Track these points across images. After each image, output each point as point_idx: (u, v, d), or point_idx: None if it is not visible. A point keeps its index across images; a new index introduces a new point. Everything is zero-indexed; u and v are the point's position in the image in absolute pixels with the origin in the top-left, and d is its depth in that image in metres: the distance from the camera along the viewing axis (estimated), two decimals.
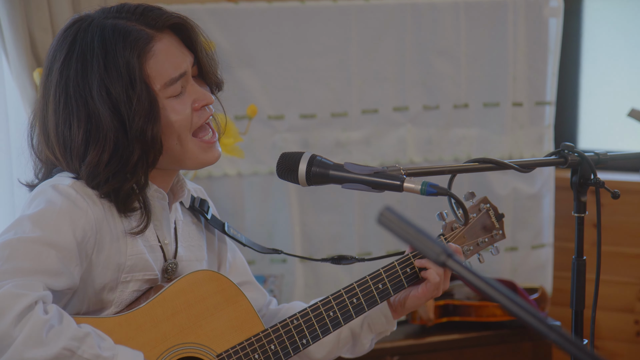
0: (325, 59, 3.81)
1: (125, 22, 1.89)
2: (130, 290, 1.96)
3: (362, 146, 3.89)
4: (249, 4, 3.80)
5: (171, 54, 1.92)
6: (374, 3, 3.83)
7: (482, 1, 3.92)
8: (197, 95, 1.96)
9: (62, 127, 1.88)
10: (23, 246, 1.77)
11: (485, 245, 2.26)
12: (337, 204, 3.89)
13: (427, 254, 1.17)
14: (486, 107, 3.97)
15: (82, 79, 1.86)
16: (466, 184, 3.97)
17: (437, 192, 1.88)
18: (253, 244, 2.24)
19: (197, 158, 1.97)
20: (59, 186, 1.86)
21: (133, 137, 1.86)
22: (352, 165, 1.93)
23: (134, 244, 1.94)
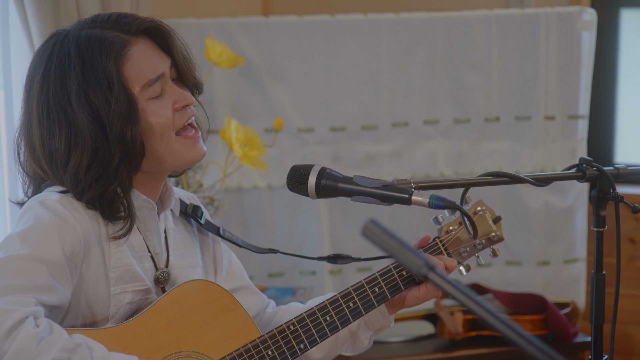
0: (355, 72, 3.82)
1: (99, 30, 1.93)
2: (125, 302, 1.96)
3: (393, 159, 3.89)
4: (279, 17, 3.83)
5: (147, 56, 1.95)
6: (404, 16, 3.84)
7: (514, 14, 3.91)
8: (177, 96, 1.98)
9: (47, 137, 1.91)
10: (13, 264, 1.79)
11: (482, 247, 2.24)
12: (367, 216, 3.88)
13: (409, 267, 1.18)
14: (518, 120, 3.96)
15: (61, 88, 1.89)
16: (497, 198, 3.96)
17: (445, 206, 1.88)
18: (249, 245, 2.24)
19: (182, 156, 1.98)
20: (46, 202, 1.88)
21: (113, 139, 1.88)
22: (361, 178, 1.94)
23: (120, 256, 1.95)
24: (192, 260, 2.12)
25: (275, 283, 3.86)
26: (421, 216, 3.93)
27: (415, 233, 3.96)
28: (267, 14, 4.30)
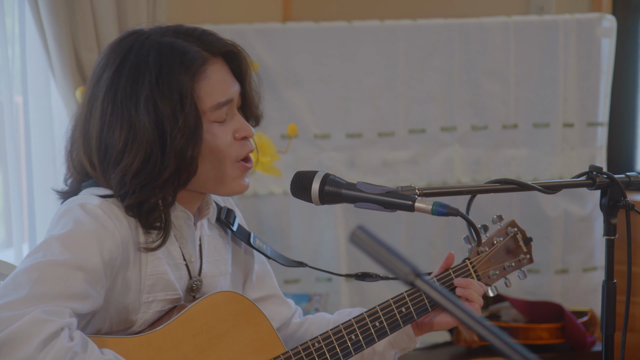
0: (372, 79, 3.82)
1: (182, 42, 1.90)
2: (153, 310, 1.96)
3: (409, 166, 3.88)
4: (296, 23, 3.84)
5: (222, 79, 1.94)
6: (421, 23, 3.83)
7: (532, 21, 3.89)
8: (239, 125, 1.96)
9: (106, 132, 1.88)
10: (51, 270, 1.77)
11: (511, 270, 2.22)
12: (384, 223, 3.88)
13: (396, 274, 1.17)
14: (536, 127, 3.93)
15: (132, 89, 1.87)
16: (515, 206, 3.94)
17: (448, 213, 1.87)
18: (278, 257, 2.22)
19: (227, 185, 1.97)
20: (86, 205, 1.86)
21: (170, 153, 1.86)
22: (365, 185, 1.93)
23: (156, 264, 1.93)
24: (223, 268, 2.11)
25: (291, 289, 3.86)
26: (439, 223, 3.91)
27: (432, 240, 3.94)
28: (287, 20, 4.31)
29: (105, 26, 3.20)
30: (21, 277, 1.77)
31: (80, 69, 3.17)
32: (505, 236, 2.23)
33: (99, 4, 3.18)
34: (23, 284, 1.76)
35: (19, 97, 3.21)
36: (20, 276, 1.77)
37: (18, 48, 3.18)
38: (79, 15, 3.14)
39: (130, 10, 3.28)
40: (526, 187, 2.10)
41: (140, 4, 3.30)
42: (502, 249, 2.22)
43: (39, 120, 3.22)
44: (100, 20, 3.19)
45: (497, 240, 2.21)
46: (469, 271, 2.17)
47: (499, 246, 2.22)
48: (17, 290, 1.75)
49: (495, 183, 2.10)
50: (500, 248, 2.22)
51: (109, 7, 3.19)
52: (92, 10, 3.17)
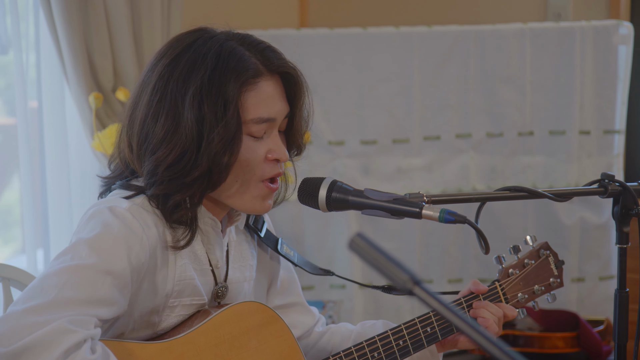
0: (387, 85, 3.81)
1: (244, 50, 1.89)
2: (177, 314, 1.94)
3: (424, 173, 3.87)
4: (310, 30, 3.83)
5: (271, 97, 1.91)
6: (436, 29, 3.82)
7: (549, 28, 3.87)
8: (275, 146, 1.93)
9: (150, 119, 1.87)
10: (79, 274, 1.76)
11: (541, 294, 2.19)
12: (398, 230, 3.87)
13: (394, 281, 1.16)
14: (552, 135, 3.91)
15: (183, 81, 1.86)
16: (531, 214, 3.91)
17: (455, 220, 1.85)
18: (305, 264, 2.20)
19: (248, 202, 1.94)
20: (115, 209, 1.84)
21: (204, 154, 1.84)
22: (372, 192, 1.92)
23: (184, 269, 1.92)
24: (247, 274, 2.09)
25: (306, 296, 3.81)
26: (454, 231, 3.89)
27: (447, 248, 3.92)
28: (303, 26, 4.31)
29: (119, 32, 3.21)
30: (49, 281, 1.75)
31: (93, 75, 3.17)
32: (537, 259, 2.19)
33: (113, 9, 3.19)
34: (50, 287, 1.74)
35: (33, 103, 3.23)
36: (48, 279, 1.76)
37: (33, 54, 3.19)
38: (93, 21, 3.15)
39: (144, 16, 3.29)
40: (536, 194, 2.07)
41: (154, 10, 3.30)
42: (532, 271, 2.18)
43: (52, 125, 3.23)
44: (114, 26, 3.20)
45: (529, 262, 2.17)
46: (497, 293, 2.14)
47: (530, 269, 2.18)
48: (44, 294, 1.74)
49: (505, 190, 2.08)
50: (531, 271, 2.18)
51: (122, 12, 3.20)
52: (105, 16, 3.18)
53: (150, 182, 1.87)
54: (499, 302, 2.13)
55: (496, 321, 2.08)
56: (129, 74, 3.25)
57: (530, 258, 2.18)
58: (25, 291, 1.77)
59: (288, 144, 2.00)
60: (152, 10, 3.30)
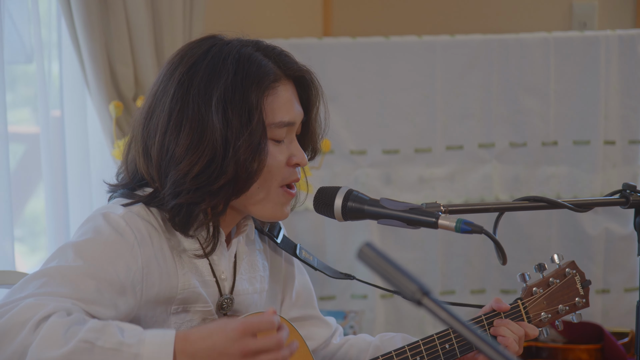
0: (409, 94, 3.80)
1: (261, 56, 1.89)
2: (186, 321, 1.91)
3: (446, 182, 3.84)
4: (333, 39, 3.82)
5: (289, 100, 1.91)
6: (459, 38, 3.80)
7: (573, 37, 3.84)
8: (296, 151, 1.93)
9: (172, 129, 1.85)
10: (61, 275, 1.73)
11: (565, 313, 2.15)
12: (420, 240, 3.85)
13: (403, 292, 1.14)
14: (576, 145, 3.88)
15: (205, 87, 1.85)
16: (555, 225, 3.88)
17: (472, 230, 1.83)
18: (325, 268, 2.17)
19: (268, 209, 1.92)
20: (109, 215, 1.82)
21: (231, 161, 1.82)
22: (388, 201, 1.90)
23: (186, 278, 1.89)
24: (258, 285, 2.06)
25: (327, 306, 3.83)
26: (476, 242, 3.86)
27: (469, 259, 3.89)
28: (327, 35, 4.30)
29: (140, 40, 3.21)
30: (29, 281, 1.73)
31: (115, 83, 3.18)
32: (563, 278, 2.15)
33: (134, 18, 3.19)
34: (29, 287, 1.72)
35: (56, 112, 3.23)
36: (29, 280, 1.74)
37: (56, 63, 3.19)
38: (114, 30, 3.15)
39: (165, 25, 3.29)
40: (556, 204, 2.04)
41: (176, 18, 3.30)
42: (557, 290, 2.15)
43: (75, 134, 3.23)
44: (136, 34, 3.21)
45: (554, 281, 2.14)
46: (519, 312, 2.11)
47: (555, 288, 2.14)
48: (22, 291, 1.71)
49: (523, 200, 2.05)
50: (556, 290, 2.15)
51: (144, 21, 3.20)
52: (127, 25, 3.19)
53: (176, 191, 1.84)
54: (520, 321, 2.09)
55: (516, 340, 2.05)
56: (150, 82, 3.24)
57: (556, 277, 2.14)
58: (6, 294, 1.74)
59: (303, 149, 1.98)
60: (173, 19, 3.30)
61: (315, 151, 2.05)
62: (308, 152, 2.02)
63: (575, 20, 4.30)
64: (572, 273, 2.16)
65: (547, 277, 2.14)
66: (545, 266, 2.14)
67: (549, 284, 2.14)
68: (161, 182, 1.86)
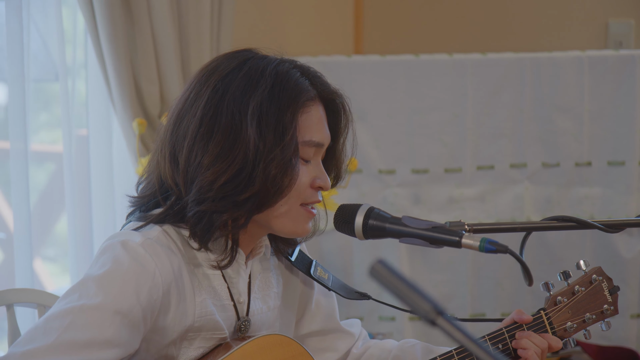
0: (439, 113, 3.75)
1: (299, 74, 1.86)
2: (196, 346, 1.88)
3: (477, 203, 3.78)
4: (362, 57, 3.79)
5: (319, 120, 1.88)
6: (491, 57, 3.75)
7: (607, 56, 3.77)
8: (321, 174, 1.90)
9: (203, 135, 1.81)
10: (85, 315, 1.71)
11: (592, 322, 2.07)
12: (450, 262, 3.78)
13: (416, 311, 1.09)
14: (610, 165, 3.80)
15: (242, 95, 1.81)
16: (588, 247, 3.80)
17: (496, 250, 1.77)
18: (340, 288, 2.12)
19: (289, 225, 1.88)
20: (128, 243, 1.78)
21: (260, 173, 1.79)
22: (410, 219, 1.84)
23: (204, 305, 1.86)
24: (272, 303, 2.02)
25: None
26: (507, 263, 3.79)
27: (500, 281, 3.82)
28: (358, 53, 4.27)
29: (166, 58, 3.19)
30: (52, 322, 1.72)
31: (140, 101, 3.15)
32: (589, 285, 2.07)
33: (161, 35, 3.17)
34: (53, 329, 1.70)
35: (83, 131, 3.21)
36: (51, 320, 1.72)
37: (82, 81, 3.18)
38: (140, 47, 3.13)
39: (192, 42, 3.27)
40: (586, 225, 1.98)
41: (203, 35, 3.28)
42: (583, 299, 2.07)
43: (99, 153, 3.21)
44: (162, 52, 3.18)
45: (579, 289, 2.06)
46: (542, 323, 2.04)
47: (580, 296, 2.06)
48: (46, 335, 1.70)
49: (552, 220, 1.99)
50: (581, 298, 2.07)
51: (170, 38, 3.18)
52: (153, 42, 3.16)
53: (200, 198, 1.80)
54: (544, 333, 2.03)
55: (538, 353, 1.98)
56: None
57: (581, 285, 2.06)
58: (29, 331, 1.73)
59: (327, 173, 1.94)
60: (200, 36, 3.27)
61: (339, 178, 2.00)
62: (331, 178, 1.98)
63: (610, 39, 4.24)
64: (598, 280, 2.08)
65: (572, 285, 2.06)
66: (570, 274, 2.06)
67: (573, 293, 2.06)
68: (186, 188, 1.82)
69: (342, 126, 1.95)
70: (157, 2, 3.13)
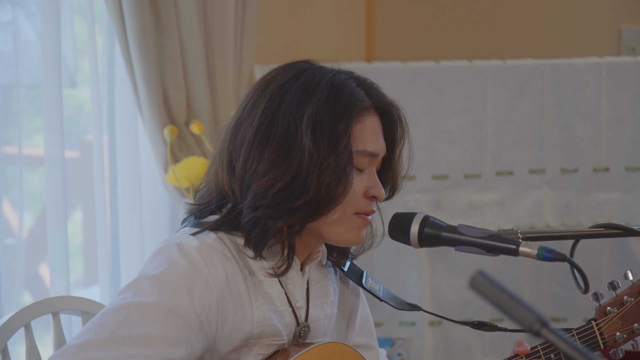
0: (459, 119, 3.76)
1: (354, 83, 1.87)
2: (255, 353, 1.88)
3: (496, 208, 3.79)
4: (382, 63, 3.80)
5: (374, 131, 1.88)
6: (510, 63, 3.76)
7: (625, 62, 3.80)
8: (374, 184, 1.89)
9: (259, 142, 1.82)
10: (140, 312, 1.72)
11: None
12: (470, 267, 3.80)
13: (520, 323, 1.09)
14: (628, 171, 3.82)
15: (298, 104, 1.82)
16: (607, 252, 3.82)
17: (555, 258, 1.78)
18: (391, 299, 2.11)
19: (345, 233, 1.88)
20: (184, 246, 1.80)
21: (314, 181, 1.80)
22: (466, 228, 1.85)
23: (262, 310, 1.86)
24: (329, 311, 2.02)
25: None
26: (527, 268, 3.81)
27: (520, 285, 3.84)
28: (369, 60, 4.28)
29: (193, 64, 3.20)
30: (108, 317, 1.72)
31: (167, 108, 3.16)
32: (637, 295, 2.06)
33: (188, 42, 3.18)
34: (109, 323, 1.71)
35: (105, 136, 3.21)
36: (107, 315, 1.73)
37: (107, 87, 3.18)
38: (168, 54, 3.14)
39: (217, 49, 3.28)
40: (632, 232, 2.00)
41: (227, 41, 3.29)
42: (632, 309, 2.06)
43: (125, 159, 3.21)
44: (189, 58, 3.19)
45: (628, 299, 2.06)
46: (594, 333, 2.04)
47: (630, 306, 2.06)
48: (102, 329, 1.71)
49: (599, 227, 2.01)
50: (631, 308, 2.06)
51: (197, 46, 3.19)
52: (180, 49, 3.17)
53: (256, 205, 1.80)
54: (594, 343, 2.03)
55: None
56: (201, 106, 3.23)
57: (630, 295, 2.07)
58: (85, 326, 1.74)
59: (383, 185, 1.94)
60: (225, 42, 3.28)
61: (395, 189, 2.01)
62: (387, 189, 1.99)
63: (624, 45, 4.27)
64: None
65: (620, 295, 2.06)
66: (618, 284, 2.07)
67: (623, 303, 2.06)
68: (242, 195, 1.84)
69: (398, 137, 1.95)
70: (185, 9, 3.14)
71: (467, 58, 3.87)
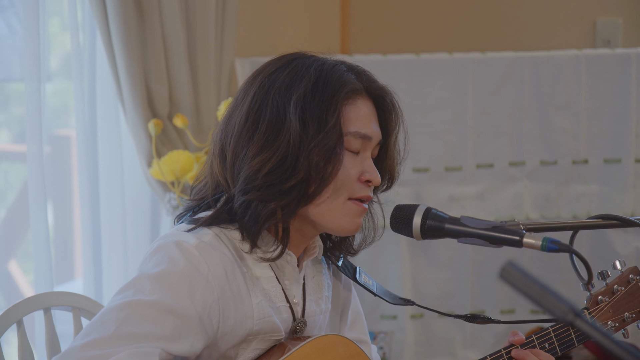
0: (440, 112, 3.76)
1: (344, 67, 1.88)
2: (253, 348, 1.88)
3: (477, 201, 3.80)
4: (363, 56, 3.79)
5: (367, 115, 1.88)
6: (490, 55, 3.77)
7: (604, 54, 3.81)
8: (369, 168, 1.89)
9: (249, 127, 1.84)
10: (141, 310, 1.72)
11: (631, 321, 2.09)
12: (450, 260, 3.80)
13: (552, 313, 1.09)
14: (607, 163, 3.84)
15: (286, 89, 1.83)
16: (585, 244, 3.83)
17: (559, 249, 1.78)
18: (385, 293, 2.12)
19: (337, 219, 1.87)
20: (183, 244, 1.79)
21: (304, 162, 1.80)
22: (469, 219, 1.85)
23: (261, 307, 1.86)
24: (323, 306, 2.03)
25: None
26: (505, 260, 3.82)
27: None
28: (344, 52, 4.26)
29: (175, 58, 3.18)
30: (109, 315, 1.72)
31: (150, 102, 3.12)
32: (627, 284, 2.09)
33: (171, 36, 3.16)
34: (111, 321, 1.71)
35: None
36: (108, 314, 1.72)
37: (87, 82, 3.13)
38: (150, 48, 3.10)
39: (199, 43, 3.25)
40: (629, 223, 2.02)
41: (209, 35, 3.26)
42: (622, 298, 2.08)
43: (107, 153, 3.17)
44: (171, 52, 3.17)
45: (618, 288, 2.08)
46: None
47: (620, 295, 2.08)
48: (104, 328, 1.70)
49: (597, 218, 2.02)
50: (621, 297, 2.08)
51: (180, 38, 3.16)
52: (163, 42, 3.14)
53: (247, 188, 1.81)
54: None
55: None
56: (184, 100, 3.20)
57: (620, 284, 2.09)
58: (86, 326, 1.73)
59: (380, 175, 1.94)
60: (207, 36, 3.26)
61: (393, 178, 2.01)
62: (385, 179, 1.99)
63: (598, 38, 4.29)
64: (636, 279, 2.11)
65: (611, 285, 2.08)
66: (608, 273, 2.08)
67: (613, 292, 2.08)
68: (234, 181, 1.84)
69: (393, 124, 1.96)
70: (168, 3, 3.12)
71: (447, 51, 3.87)
